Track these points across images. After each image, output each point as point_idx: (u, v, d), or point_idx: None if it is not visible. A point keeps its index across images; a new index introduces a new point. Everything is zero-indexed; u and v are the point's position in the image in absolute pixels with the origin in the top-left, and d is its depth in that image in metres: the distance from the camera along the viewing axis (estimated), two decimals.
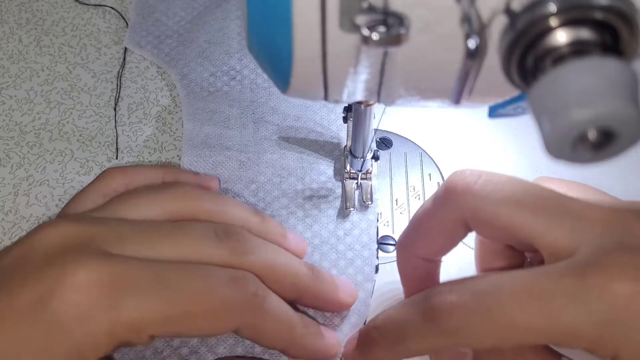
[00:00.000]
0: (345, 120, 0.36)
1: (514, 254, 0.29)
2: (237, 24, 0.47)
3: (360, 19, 0.20)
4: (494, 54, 0.21)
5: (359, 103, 0.31)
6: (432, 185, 0.40)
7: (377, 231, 0.37)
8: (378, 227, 0.37)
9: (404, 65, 0.22)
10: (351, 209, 0.37)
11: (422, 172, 0.40)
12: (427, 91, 0.24)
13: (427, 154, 0.41)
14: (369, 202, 0.37)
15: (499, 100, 0.24)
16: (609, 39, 0.19)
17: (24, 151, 0.42)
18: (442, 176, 0.40)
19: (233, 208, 0.32)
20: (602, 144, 0.18)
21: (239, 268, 0.28)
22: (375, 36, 0.19)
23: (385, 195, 0.39)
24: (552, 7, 0.18)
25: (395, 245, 0.37)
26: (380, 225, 0.38)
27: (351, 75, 0.23)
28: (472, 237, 0.32)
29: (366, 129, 0.34)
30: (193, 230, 0.28)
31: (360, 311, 0.34)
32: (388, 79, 0.23)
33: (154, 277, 0.25)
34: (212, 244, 0.28)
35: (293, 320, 0.29)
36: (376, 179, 0.39)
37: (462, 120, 0.43)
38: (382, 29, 0.20)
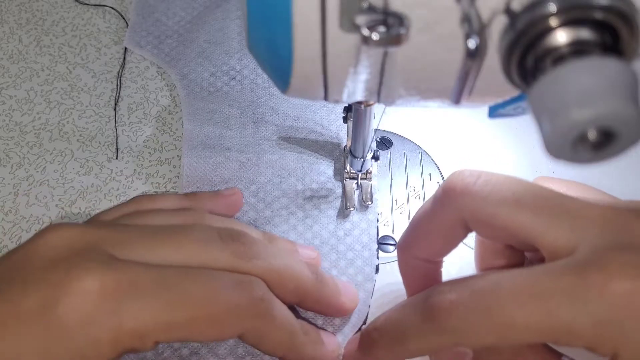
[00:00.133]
0: (345, 120, 0.36)
1: (514, 253, 0.29)
2: (237, 24, 0.47)
3: (360, 19, 0.20)
4: (494, 54, 0.21)
5: (359, 103, 0.31)
6: (432, 185, 0.40)
7: (377, 231, 0.37)
8: (378, 227, 0.37)
9: (404, 65, 0.22)
10: (351, 209, 0.37)
11: (422, 172, 0.40)
12: (427, 91, 0.24)
13: (427, 154, 0.41)
14: (369, 202, 0.37)
15: (499, 100, 0.24)
16: (609, 39, 0.19)
17: (24, 151, 0.42)
18: (442, 176, 0.40)
19: (244, 231, 0.32)
20: (602, 144, 0.18)
21: (243, 272, 0.27)
22: (375, 36, 0.19)
23: (385, 195, 0.39)
24: (552, 7, 0.18)
25: (395, 245, 0.37)
26: (381, 225, 0.38)
27: (351, 75, 0.23)
28: (472, 237, 0.32)
29: (366, 129, 0.34)
30: (198, 233, 0.28)
31: (360, 311, 0.34)
32: (388, 79, 0.23)
33: (159, 283, 0.25)
34: (217, 247, 0.28)
35: (295, 327, 0.29)
36: (376, 179, 0.39)
37: (462, 120, 0.43)
38: (382, 29, 0.20)
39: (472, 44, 0.19)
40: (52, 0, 0.51)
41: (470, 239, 0.29)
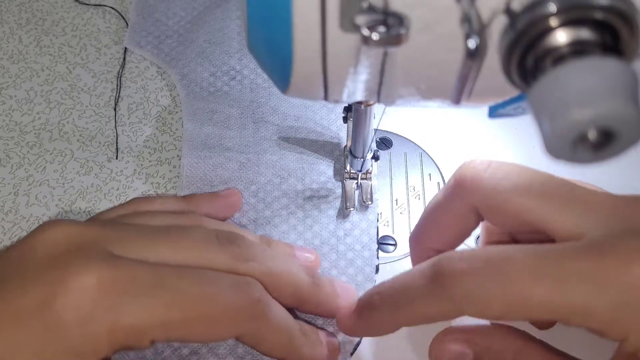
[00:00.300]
0: (345, 120, 0.36)
1: None
2: (237, 24, 0.47)
3: (360, 19, 0.20)
4: (494, 54, 0.21)
5: (359, 103, 0.31)
6: (432, 185, 0.40)
7: (377, 231, 0.37)
8: (378, 227, 0.37)
9: (404, 65, 0.22)
10: (351, 209, 0.37)
11: (422, 172, 0.40)
12: (427, 91, 0.24)
13: (427, 154, 0.41)
14: (369, 202, 0.37)
15: (499, 100, 0.24)
16: (609, 39, 0.19)
17: (24, 151, 0.42)
18: (442, 176, 0.40)
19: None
20: (602, 144, 0.18)
21: (240, 274, 0.27)
22: (375, 36, 0.19)
23: (385, 195, 0.39)
24: (552, 7, 0.18)
25: (395, 245, 0.37)
26: (381, 225, 0.38)
27: (351, 75, 0.23)
28: (473, 238, 0.32)
29: (366, 129, 0.34)
30: (196, 234, 0.28)
31: None
32: (388, 79, 0.23)
33: (157, 281, 0.25)
34: (215, 249, 0.28)
35: (293, 328, 0.29)
36: (376, 179, 0.39)
37: (462, 120, 0.43)
38: (382, 29, 0.20)
39: (472, 44, 0.19)
40: (52, 0, 0.51)
41: (471, 239, 0.29)
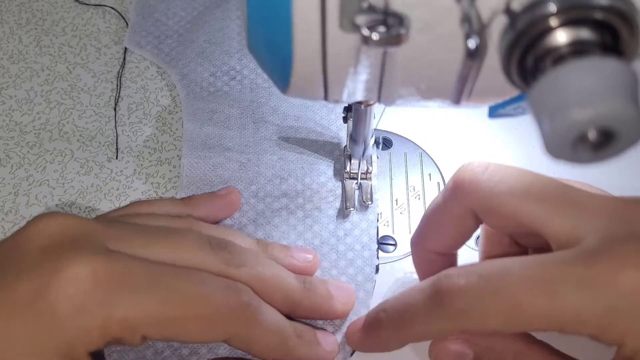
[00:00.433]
0: (345, 120, 0.36)
1: (520, 252, 0.29)
2: (237, 24, 0.47)
3: (360, 19, 0.20)
4: (494, 54, 0.21)
5: (359, 103, 0.31)
6: (432, 185, 0.40)
7: (377, 231, 0.37)
8: (378, 227, 0.37)
9: (404, 65, 0.22)
10: (351, 209, 0.37)
11: (422, 172, 0.40)
12: (427, 91, 0.24)
13: (427, 154, 0.41)
14: (369, 202, 0.37)
15: (499, 100, 0.24)
16: (609, 39, 0.19)
17: (24, 151, 0.42)
18: (442, 176, 0.40)
19: (236, 238, 0.32)
20: (602, 144, 0.18)
21: (231, 279, 0.28)
22: (375, 36, 0.19)
23: (385, 195, 0.39)
24: (552, 7, 0.18)
25: (395, 245, 0.37)
26: (381, 225, 0.38)
27: (351, 75, 0.23)
28: (473, 238, 0.32)
29: (366, 129, 0.34)
30: (191, 237, 0.28)
31: (360, 312, 0.34)
32: (388, 79, 0.23)
33: (150, 277, 0.25)
34: (207, 253, 0.28)
35: (286, 330, 0.29)
36: (376, 179, 0.39)
37: (462, 120, 0.43)
38: (382, 29, 0.20)
39: (472, 44, 0.19)
40: (52, 0, 0.51)
41: (471, 239, 0.29)
